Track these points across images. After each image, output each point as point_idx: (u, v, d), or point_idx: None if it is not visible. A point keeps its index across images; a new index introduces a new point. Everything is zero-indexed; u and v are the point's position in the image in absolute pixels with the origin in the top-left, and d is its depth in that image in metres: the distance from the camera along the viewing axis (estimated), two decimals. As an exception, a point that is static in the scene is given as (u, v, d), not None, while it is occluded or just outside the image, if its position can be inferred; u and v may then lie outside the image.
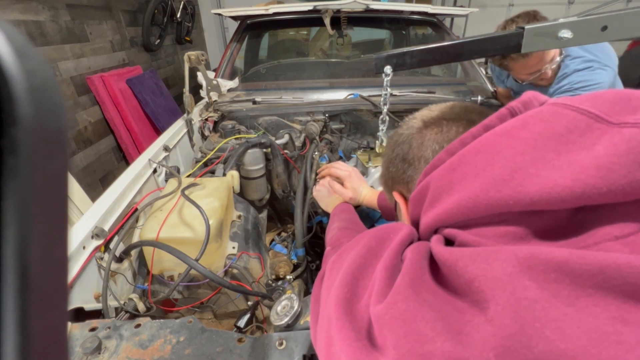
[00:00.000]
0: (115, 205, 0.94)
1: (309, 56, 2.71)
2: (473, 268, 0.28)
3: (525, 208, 0.29)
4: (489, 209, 0.31)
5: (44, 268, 0.14)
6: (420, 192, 0.39)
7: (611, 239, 0.26)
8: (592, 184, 0.26)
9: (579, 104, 0.31)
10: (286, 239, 1.40)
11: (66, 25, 2.43)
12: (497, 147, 0.32)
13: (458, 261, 0.29)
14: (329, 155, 1.45)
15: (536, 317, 0.23)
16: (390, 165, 0.50)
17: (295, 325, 0.65)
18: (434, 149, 0.44)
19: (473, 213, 0.32)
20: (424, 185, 0.38)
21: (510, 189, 0.29)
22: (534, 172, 0.29)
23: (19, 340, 0.13)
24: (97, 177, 2.63)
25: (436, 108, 0.48)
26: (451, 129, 0.44)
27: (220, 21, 5.39)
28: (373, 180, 1.13)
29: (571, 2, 5.16)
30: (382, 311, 0.30)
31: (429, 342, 0.26)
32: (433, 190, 0.36)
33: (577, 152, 0.28)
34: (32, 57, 0.13)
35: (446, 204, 0.34)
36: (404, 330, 0.28)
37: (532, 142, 0.30)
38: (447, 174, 0.35)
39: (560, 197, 0.27)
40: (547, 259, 0.25)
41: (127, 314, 0.80)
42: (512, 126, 0.33)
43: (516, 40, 0.69)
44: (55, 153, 0.14)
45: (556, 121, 0.31)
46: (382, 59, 0.78)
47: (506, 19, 1.25)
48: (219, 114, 1.59)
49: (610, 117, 0.29)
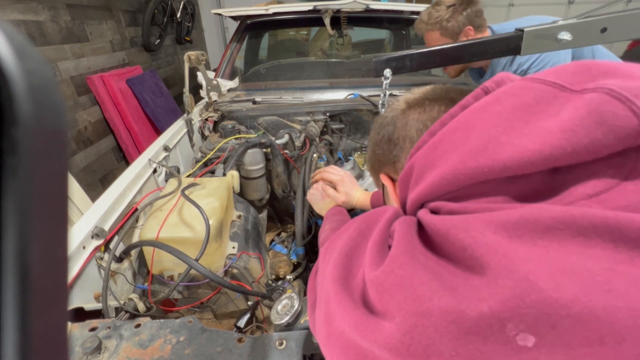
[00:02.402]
0: (115, 205, 0.94)
1: (309, 56, 2.71)
2: (465, 236, 0.29)
3: (500, 174, 0.31)
4: (468, 179, 0.33)
5: (44, 268, 0.14)
6: (406, 174, 0.41)
7: (584, 198, 0.29)
8: (558, 145, 0.29)
9: (545, 76, 0.34)
10: (286, 239, 1.40)
11: (66, 25, 2.43)
12: (472, 122, 0.35)
13: (450, 229, 0.31)
14: (328, 156, 1.45)
15: (529, 272, 0.25)
16: (376, 147, 0.51)
17: (295, 324, 0.65)
18: (417, 127, 0.46)
19: (454, 184, 0.34)
20: (409, 167, 0.40)
21: (485, 157, 0.32)
22: (505, 141, 0.31)
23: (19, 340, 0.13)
24: (97, 177, 2.63)
25: (418, 90, 0.51)
26: (433, 108, 0.46)
27: (220, 21, 5.39)
28: (369, 183, 1.13)
29: (571, 2, 5.16)
30: (380, 278, 0.31)
31: (426, 300, 0.27)
32: (417, 169, 0.39)
33: (544, 119, 0.31)
34: (32, 57, 0.13)
35: (429, 179, 0.36)
36: (403, 293, 0.29)
37: (504, 115, 0.33)
38: (430, 153, 0.37)
39: (530, 161, 0.30)
40: (536, 219, 0.27)
41: (127, 313, 0.80)
42: (486, 102, 0.36)
43: (515, 42, 0.69)
44: (55, 153, 0.14)
45: (525, 94, 0.33)
46: (382, 62, 0.78)
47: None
48: (219, 114, 1.59)
49: (572, 85, 0.32)
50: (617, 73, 0.31)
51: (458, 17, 1.24)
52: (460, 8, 1.24)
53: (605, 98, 0.29)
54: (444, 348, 0.25)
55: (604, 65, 0.33)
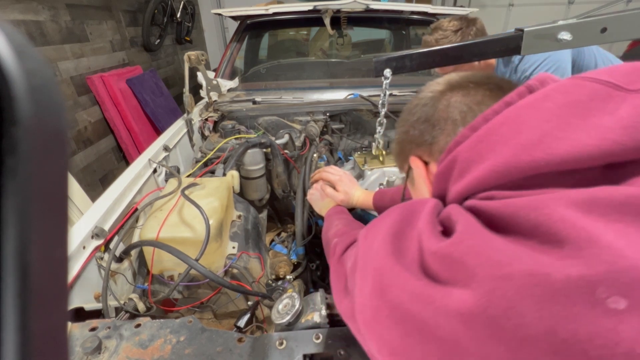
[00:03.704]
0: (115, 205, 0.94)
1: (309, 56, 2.71)
2: (537, 214, 0.29)
3: (556, 168, 0.31)
4: (521, 172, 0.33)
5: (44, 268, 0.14)
6: (446, 167, 0.40)
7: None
8: (619, 141, 0.29)
9: (598, 75, 0.34)
10: (286, 239, 1.40)
11: (66, 25, 2.43)
12: (521, 117, 0.35)
13: (518, 211, 0.30)
14: (328, 156, 1.45)
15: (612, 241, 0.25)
16: (411, 128, 0.49)
17: (296, 323, 0.65)
18: (461, 109, 0.44)
19: (506, 177, 0.34)
20: (450, 160, 0.40)
21: (540, 151, 0.32)
22: (562, 136, 0.31)
23: (19, 340, 0.13)
24: (97, 177, 2.63)
25: (457, 74, 0.49)
26: (478, 91, 0.45)
27: (220, 21, 5.39)
28: (369, 183, 1.13)
29: (571, 2, 5.16)
30: (447, 249, 0.31)
31: (505, 265, 0.27)
32: (461, 162, 0.38)
33: (600, 116, 0.31)
34: (32, 57, 0.13)
35: (477, 172, 0.36)
36: (478, 260, 0.29)
37: (556, 111, 0.33)
38: (475, 146, 0.37)
39: (589, 155, 0.30)
40: (608, 196, 0.27)
41: (127, 313, 0.80)
42: (534, 99, 0.35)
43: (515, 42, 0.69)
44: (55, 153, 0.14)
45: (577, 92, 0.33)
46: (382, 62, 0.78)
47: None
48: (219, 114, 1.59)
49: (627, 85, 0.32)
50: None
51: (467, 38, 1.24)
52: (468, 30, 1.24)
53: None
54: (527, 310, 0.25)
55: None
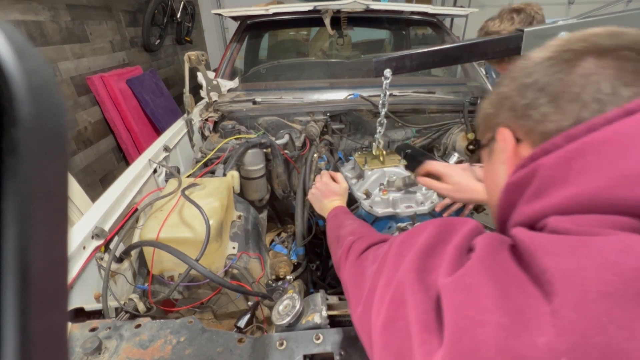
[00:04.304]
0: (115, 206, 0.94)
1: (309, 56, 2.71)
2: (548, 260, 0.26)
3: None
4: (610, 209, 0.27)
5: (44, 268, 0.14)
6: (522, 179, 0.33)
7: None
8: None
9: None
10: (286, 239, 1.40)
11: (66, 26, 2.43)
12: (633, 137, 0.27)
13: (537, 250, 0.27)
14: (328, 156, 1.45)
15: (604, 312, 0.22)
16: (517, 93, 0.37)
17: (296, 324, 0.65)
18: (601, 89, 0.31)
19: (586, 210, 0.28)
20: (530, 171, 0.32)
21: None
22: None
23: (19, 340, 0.13)
24: (97, 177, 2.62)
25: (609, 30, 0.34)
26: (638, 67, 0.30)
27: (220, 21, 5.39)
28: (369, 183, 1.13)
29: (571, 2, 5.16)
30: (449, 284, 0.30)
31: (487, 312, 0.25)
32: (542, 178, 0.31)
33: None
34: (32, 57, 0.13)
35: (556, 197, 0.29)
36: (464, 298, 0.27)
37: None
38: (564, 163, 0.29)
39: None
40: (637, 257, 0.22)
41: (127, 314, 0.80)
42: None
43: (516, 42, 0.69)
44: (55, 153, 0.14)
45: None
46: (382, 62, 0.79)
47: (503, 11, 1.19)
48: (219, 114, 1.59)
49: None
50: None
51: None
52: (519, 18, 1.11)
53: None
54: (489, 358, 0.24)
55: None
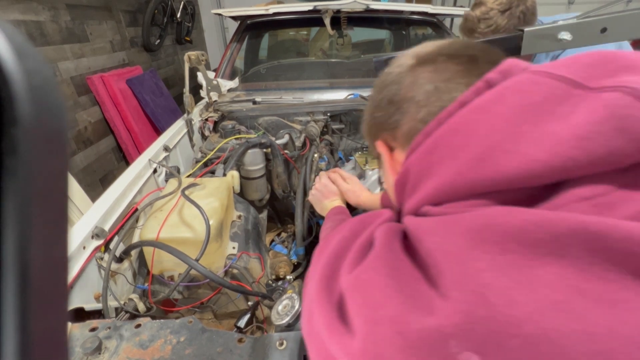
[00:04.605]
0: (115, 205, 0.94)
1: (309, 56, 2.71)
2: (430, 241, 0.27)
3: (502, 188, 0.28)
4: (467, 191, 0.29)
5: (44, 268, 0.14)
6: (401, 178, 0.37)
7: (578, 200, 0.25)
8: (571, 156, 0.25)
9: (555, 69, 0.29)
10: (286, 239, 1.40)
11: (66, 26, 2.43)
12: (472, 124, 0.30)
13: (421, 234, 0.29)
14: (329, 156, 1.45)
15: (483, 284, 0.22)
16: (376, 110, 0.44)
17: (296, 324, 0.65)
18: (426, 89, 0.37)
19: (451, 196, 0.31)
20: (404, 171, 0.36)
21: (487, 168, 0.28)
22: (510, 148, 0.27)
23: (19, 340, 0.13)
24: (97, 177, 2.62)
25: (432, 44, 0.42)
26: (448, 67, 0.37)
27: (220, 21, 5.39)
28: (370, 183, 1.13)
29: (571, 2, 5.16)
30: (348, 283, 0.30)
31: (380, 308, 0.26)
32: (413, 175, 0.35)
33: (555, 122, 0.26)
34: (32, 57, 0.13)
35: (425, 189, 0.33)
36: (362, 298, 0.28)
37: (508, 116, 0.28)
38: (426, 158, 0.33)
39: (537, 173, 0.26)
40: (504, 223, 0.24)
41: (127, 314, 0.80)
42: (487, 100, 0.31)
43: (515, 42, 0.69)
44: (55, 153, 0.14)
45: (533, 90, 0.29)
46: (382, 62, 0.79)
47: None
48: (219, 114, 1.59)
49: (587, 81, 0.27)
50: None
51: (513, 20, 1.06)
52: (516, 10, 1.05)
53: (627, 99, 0.24)
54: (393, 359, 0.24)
55: (627, 58, 0.28)
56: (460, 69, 0.37)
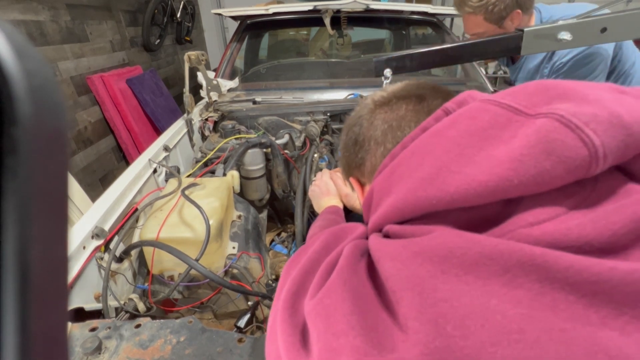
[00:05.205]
0: (115, 205, 0.94)
1: (309, 56, 2.71)
2: (390, 266, 0.28)
3: (447, 206, 0.29)
4: (418, 209, 0.31)
5: (44, 268, 0.14)
6: (368, 198, 0.39)
7: (525, 226, 0.27)
8: (504, 176, 0.26)
9: (501, 98, 0.32)
10: (286, 239, 1.40)
11: (66, 25, 2.43)
12: (428, 147, 0.33)
13: (381, 257, 0.30)
14: (329, 156, 1.45)
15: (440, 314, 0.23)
16: (345, 150, 0.49)
17: (295, 325, 0.65)
18: (383, 128, 0.43)
19: (405, 213, 0.32)
20: (370, 191, 0.39)
21: (434, 187, 0.30)
22: (455, 169, 0.29)
23: (19, 340, 0.13)
24: (97, 177, 2.62)
25: (390, 88, 0.47)
26: (400, 106, 0.43)
27: (220, 21, 5.38)
28: None
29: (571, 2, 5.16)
30: (310, 307, 0.30)
31: (342, 336, 0.26)
32: (376, 194, 0.37)
33: (496, 146, 0.29)
34: (32, 57, 0.13)
35: (384, 206, 0.35)
36: (324, 325, 0.28)
37: (457, 139, 0.31)
38: (387, 178, 0.36)
39: (476, 193, 0.27)
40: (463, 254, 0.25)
41: (127, 314, 0.80)
42: (443, 126, 0.34)
43: (515, 42, 0.69)
44: (55, 153, 0.14)
45: (480, 117, 0.31)
46: (382, 62, 0.79)
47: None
48: (219, 114, 1.59)
49: (527, 109, 0.29)
50: (574, 95, 0.28)
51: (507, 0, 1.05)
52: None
53: (554, 125, 0.26)
54: None
55: (564, 86, 0.30)
56: (411, 107, 0.42)
